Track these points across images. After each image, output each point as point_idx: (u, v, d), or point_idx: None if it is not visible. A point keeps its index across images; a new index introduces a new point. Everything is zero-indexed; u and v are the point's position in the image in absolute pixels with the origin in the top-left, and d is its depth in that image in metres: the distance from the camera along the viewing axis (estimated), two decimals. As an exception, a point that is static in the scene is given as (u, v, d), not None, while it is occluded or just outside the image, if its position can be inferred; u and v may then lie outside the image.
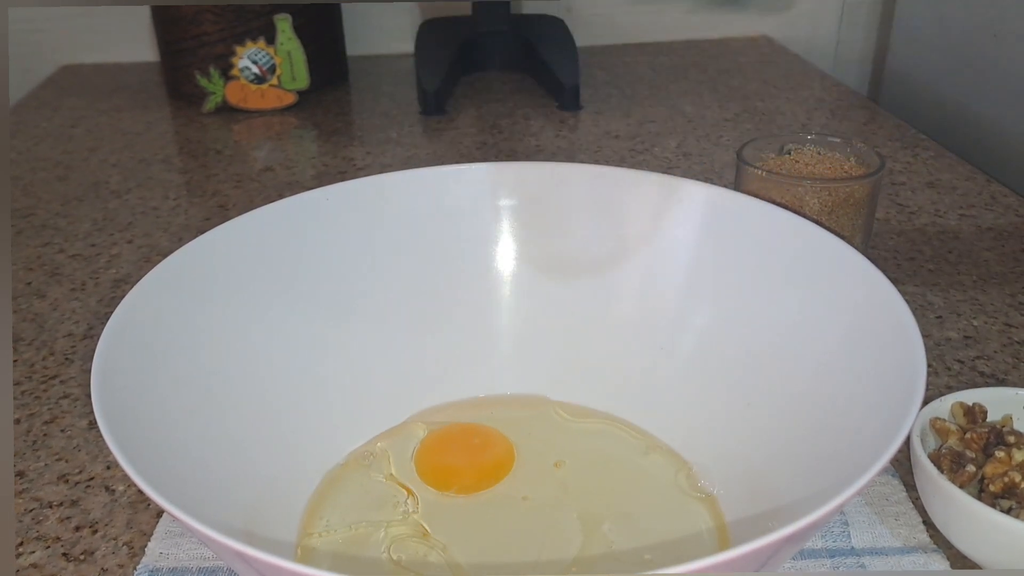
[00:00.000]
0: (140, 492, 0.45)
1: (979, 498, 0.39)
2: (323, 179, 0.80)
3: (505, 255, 0.51)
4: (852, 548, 0.40)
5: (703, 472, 0.43)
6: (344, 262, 0.48)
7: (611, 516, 0.41)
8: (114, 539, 0.43)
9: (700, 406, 0.45)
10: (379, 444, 0.46)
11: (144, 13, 1.08)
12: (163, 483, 0.31)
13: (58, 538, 0.43)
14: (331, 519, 0.41)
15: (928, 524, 0.41)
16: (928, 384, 0.36)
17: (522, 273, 0.51)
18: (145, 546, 0.42)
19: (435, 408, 0.48)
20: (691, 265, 0.48)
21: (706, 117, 0.91)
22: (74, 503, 0.45)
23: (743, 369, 0.44)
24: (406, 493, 0.43)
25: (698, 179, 0.50)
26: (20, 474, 0.47)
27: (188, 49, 0.94)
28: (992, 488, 0.39)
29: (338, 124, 0.93)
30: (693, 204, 0.48)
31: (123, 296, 0.40)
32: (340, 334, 0.47)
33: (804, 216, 0.46)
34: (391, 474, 0.44)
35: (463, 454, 0.46)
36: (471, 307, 0.50)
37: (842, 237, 0.43)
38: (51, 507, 0.45)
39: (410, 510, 0.42)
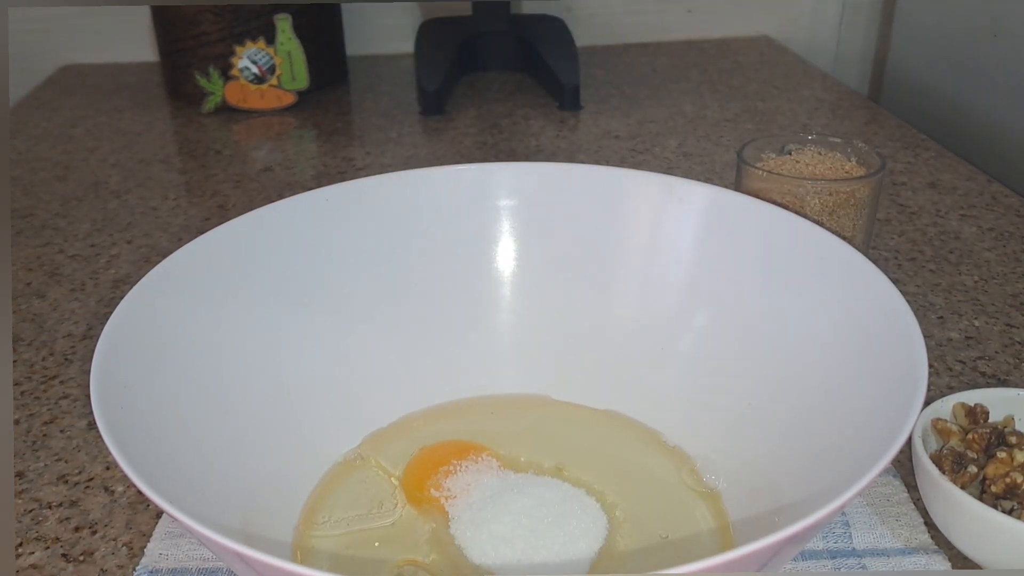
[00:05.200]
0: (139, 493, 0.45)
1: (980, 499, 0.39)
2: (323, 179, 0.80)
3: (505, 255, 0.51)
4: (853, 549, 0.40)
5: (706, 469, 0.43)
6: (344, 263, 0.48)
7: (616, 516, 0.41)
8: (114, 540, 0.43)
9: (702, 406, 0.45)
10: (378, 444, 0.46)
11: (144, 13, 1.07)
12: (162, 484, 0.31)
13: (58, 539, 0.43)
14: (330, 518, 0.41)
15: (929, 525, 0.41)
16: (929, 385, 0.36)
17: (523, 273, 0.51)
18: (145, 547, 0.42)
19: (436, 407, 0.48)
20: (691, 265, 0.48)
21: (706, 117, 0.91)
22: (74, 503, 0.45)
23: (744, 369, 0.44)
24: (403, 493, 0.43)
25: (698, 179, 0.50)
26: (20, 474, 0.47)
27: (188, 49, 0.94)
28: (993, 489, 0.39)
29: (338, 124, 0.93)
30: (693, 204, 0.48)
31: (123, 296, 0.40)
32: (339, 334, 0.47)
33: (805, 216, 0.46)
34: (389, 474, 0.44)
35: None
36: (472, 307, 0.50)
37: (843, 237, 0.43)
38: (51, 508, 0.45)
39: (408, 510, 0.42)
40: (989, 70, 0.88)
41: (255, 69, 0.93)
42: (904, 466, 0.45)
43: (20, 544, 0.42)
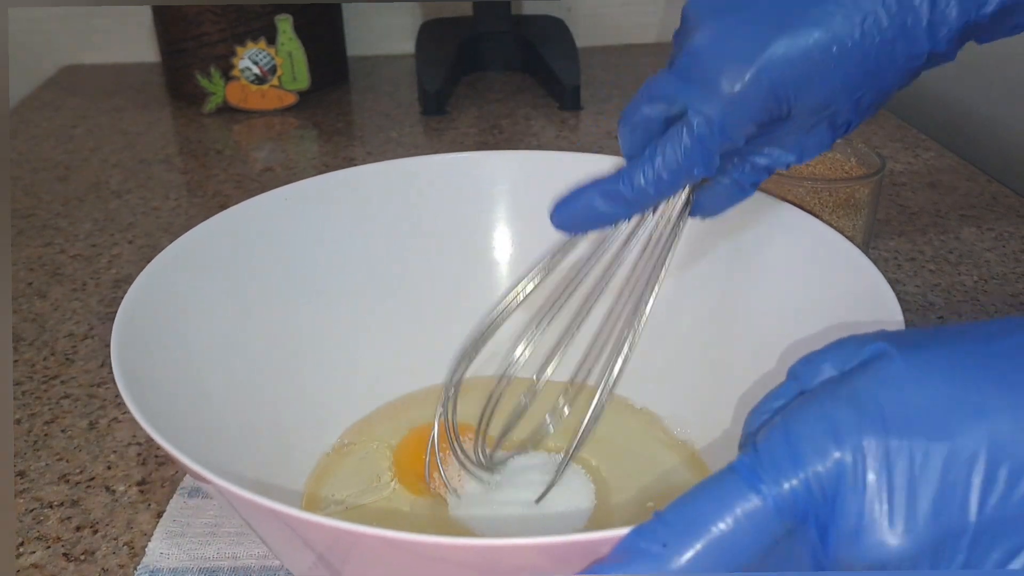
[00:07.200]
0: (140, 492, 0.45)
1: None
2: (324, 179, 0.80)
3: (501, 242, 0.51)
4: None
5: (707, 455, 0.44)
6: (349, 250, 0.49)
7: (607, 486, 0.42)
8: (114, 539, 0.43)
9: (702, 402, 0.46)
10: (371, 425, 0.47)
11: (145, 13, 1.08)
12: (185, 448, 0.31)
13: (59, 538, 0.43)
14: (334, 495, 0.43)
15: (929, 524, 0.41)
16: (929, 384, 0.36)
17: (517, 257, 0.51)
18: (146, 546, 0.42)
19: (433, 387, 0.49)
20: (690, 263, 0.48)
21: (707, 117, 0.91)
22: (75, 503, 0.45)
23: (741, 367, 0.44)
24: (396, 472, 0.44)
25: (699, 179, 0.50)
26: (21, 474, 0.47)
27: (189, 49, 0.94)
28: (993, 488, 0.39)
29: (339, 124, 0.93)
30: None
31: (123, 296, 0.40)
32: (341, 320, 0.48)
33: (805, 210, 0.46)
34: (391, 447, 0.45)
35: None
36: (465, 292, 0.51)
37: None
38: (52, 507, 0.45)
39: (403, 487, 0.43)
40: (990, 70, 0.88)
41: (256, 69, 0.93)
42: (904, 466, 0.45)
43: (21, 543, 0.43)
